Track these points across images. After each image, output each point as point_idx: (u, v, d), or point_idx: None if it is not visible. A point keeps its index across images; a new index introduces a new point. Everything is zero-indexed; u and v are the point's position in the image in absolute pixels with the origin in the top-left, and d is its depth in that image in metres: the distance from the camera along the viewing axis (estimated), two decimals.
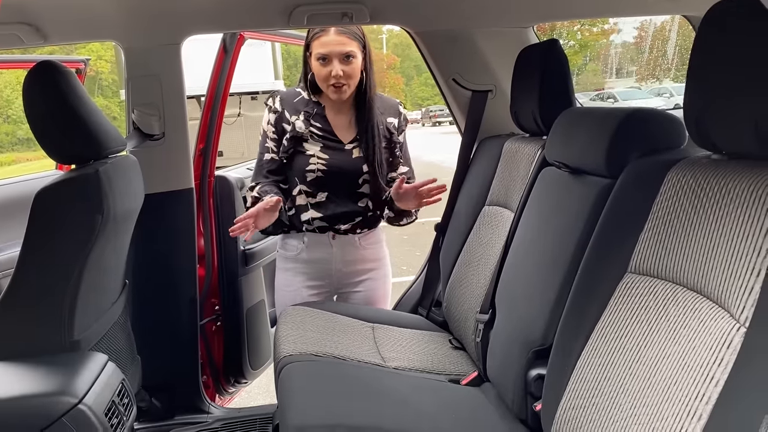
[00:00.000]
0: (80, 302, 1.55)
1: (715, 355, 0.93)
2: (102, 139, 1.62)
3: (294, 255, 2.08)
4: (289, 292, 2.08)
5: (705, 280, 1.02)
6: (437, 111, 31.31)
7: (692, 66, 1.08)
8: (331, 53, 1.94)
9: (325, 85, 1.98)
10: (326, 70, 1.95)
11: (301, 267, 2.08)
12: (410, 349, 1.87)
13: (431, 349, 1.88)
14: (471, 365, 1.80)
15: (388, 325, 1.99)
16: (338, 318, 1.96)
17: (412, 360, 1.80)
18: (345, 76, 1.95)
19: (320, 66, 1.96)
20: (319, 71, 1.97)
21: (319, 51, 1.95)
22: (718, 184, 1.04)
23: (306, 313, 1.94)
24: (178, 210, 2.11)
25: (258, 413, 2.19)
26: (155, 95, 2.02)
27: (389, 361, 1.78)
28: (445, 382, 1.71)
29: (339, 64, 1.94)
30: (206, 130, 2.28)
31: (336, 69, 1.94)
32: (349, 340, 1.84)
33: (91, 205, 1.52)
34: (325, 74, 1.96)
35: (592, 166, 1.39)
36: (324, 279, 2.11)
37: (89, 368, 1.39)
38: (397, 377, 1.66)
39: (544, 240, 1.49)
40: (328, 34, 1.95)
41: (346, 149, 2.03)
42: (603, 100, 20.46)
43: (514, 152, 1.89)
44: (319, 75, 1.97)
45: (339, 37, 1.95)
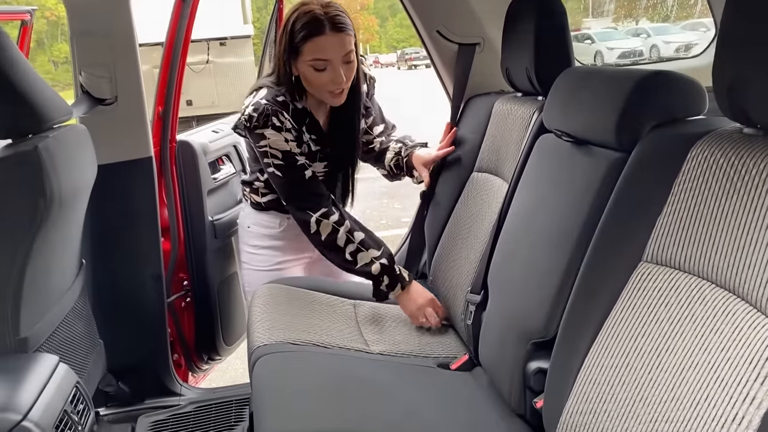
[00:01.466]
0: (26, 295, 1.39)
1: (756, 371, 0.80)
2: (42, 109, 1.41)
3: (276, 232, 1.91)
4: (267, 271, 1.92)
5: (739, 277, 0.88)
6: (413, 53, 30.73)
7: (725, 26, 0.92)
8: (334, 58, 1.63)
9: (321, 92, 1.69)
10: (325, 76, 1.64)
11: (285, 242, 1.92)
12: (395, 330, 1.74)
13: (417, 328, 1.75)
14: (460, 346, 1.68)
15: (370, 301, 1.85)
16: (317, 296, 1.81)
17: (397, 343, 1.67)
18: (346, 79, 1.66)
19: (316, 73, 1.63)
20: (315, 78, 1.65)
21: (316, 56, 1.61)
22: (754, 163, 0.89)
23: (281, 292, 1.78)
24: (137, 181, 1.93)
25: (234, 394, 2.07)
26: (104, 54, 1.80)
27: (373, 344, 1.64)
28: (434, 367, 1.58)
29: (341, 67, 1.64)
30: (165, 90, 2.06)
31: (339, 74, 1.63)
32: (330, 322, 1.70)
33: (31, 187, 1.33)
34: (324, 81, 1.64)
35: (599, 137, 1.24)
36: (307, 251, 1.96)
37: (36, 375, 1.24)
38: (382, 366, 1.53)
39: (544, 218, 1.34)
40: (324, 35, 1.60)
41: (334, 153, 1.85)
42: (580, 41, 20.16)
43: (506, 114, 1.72)
44: (314, 82, 1.66)
45: (338, 36, 1.62)
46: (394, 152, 1.98)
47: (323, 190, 1.75)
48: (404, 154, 1.97)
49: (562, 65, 1.47)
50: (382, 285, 1.70)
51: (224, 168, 2.39)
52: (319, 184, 1.75)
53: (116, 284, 1.97)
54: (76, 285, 1.72)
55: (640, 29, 21.53)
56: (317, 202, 1.72)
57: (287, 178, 1.72)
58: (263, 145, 1.70)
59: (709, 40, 2.51)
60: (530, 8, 1.56)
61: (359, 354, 1.59)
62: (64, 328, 1.60)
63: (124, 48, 1.82)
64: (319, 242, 1.72)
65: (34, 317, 1.43)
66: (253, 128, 1.69)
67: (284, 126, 1.70)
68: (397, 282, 1.71)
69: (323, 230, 1.70)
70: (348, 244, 1.70)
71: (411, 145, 1.98)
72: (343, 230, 1.70)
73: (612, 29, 25.38)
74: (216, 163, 2.34)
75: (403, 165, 1.98)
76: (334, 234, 1.70)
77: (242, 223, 1.98)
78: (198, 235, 2.19)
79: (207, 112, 8.55)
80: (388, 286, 1.70)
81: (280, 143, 1.69)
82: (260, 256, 1.94)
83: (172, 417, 1.97)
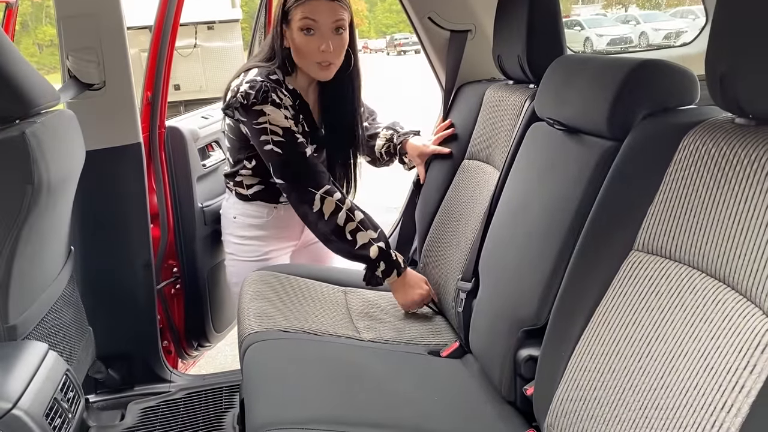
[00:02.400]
0: (14, 282, 1.37)
1: (746, 360, 0.81)
2: (28, 94, 1.39)
3: (263, 222, 1.89)
4: (254, 262, 1.91)
5: (729, 267, 0.89)
6: (402, 39, 30.56)
7: (717, 17, 0.92)
8: (322, 23, 1.64)
9: (307, 62, 1.69)
10: (313, 43, 1.64)
11: (272, 231, 1.90)
12: (386, 317, 1.74)
13: (407, 316, 1.75)
14: (450, 334, 1.69)
15: (361, 288, 1.85)
16: (307, 283, 1.81)
17: (387, 330, 1.67)
18: (334, 51, 1.66)
19: (305, 38, 1.64)
20: (304, 44, 1.65)
21: (305, 19, 1.63)
22: (746, 153, 0.90)
23: (271, 279, 1.78)
24: (126, 167, 1.90)
25: (224, 381, 2.07)
26: (92, 38, 1.77)
27: (363, 332, 1.65)
28: (424, 354, 1.59)
29: (330, 36, 1.65)
30: (153, 75, 2.04)
31: (327, 41, 1.64)
32: (321, 309, 1.70)
33: (19, 173, 1.31)
34: (311, 48, 1.65)
35: (591, 126, 1.24)
36: (294, 239, 1.95)
37: (25, 363, 1.23)
38: (373, 354, 1.53)
39: (536, 206, 1.35)
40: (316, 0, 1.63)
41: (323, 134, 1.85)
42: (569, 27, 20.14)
43: (497, 101, 1.72)
44: (302, 49, 1.66)
45: (330, 2, 1.64)
46: (386, 139, 1.98)
47: (323, 168, 1.73)
48: (397, 141, 1.96)
49: (555, 53, 1.47)
50: (378, 270, 1.68)
51: (214, 154, 2.37)
52: (318, 162, 1.73)
53: (105, 271, 1.95)
54: (65, 272, 1.70)
55: (629, 16, 21.54)
56: (319, 180, 1.68)
57: (287, 155, 1.68)
58: (262, 122, 1.67)
59: (698, 27, 2.51)
60: None
61: (350, 341, 1.59)
62: (53, 316, 1.59)
63: (112, 32, 1.79)
64: (321, 220, 1.67)
65: (23, 305, 1.42)
66: (251, 105, 1.67)
67: (283, 103, 1.69)
68: (393, 268, 1.69)
69: (327, 208, 1.66)
70: (348, 222, 1.66)
71: (403, 132, 1.97)
72: (345, 209, 1.67)
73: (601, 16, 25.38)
74: (205, 149, 2.33)
75: (395, 152, 1.98)
76: (336, 212, 1.66)
77: (226, 213, 1.95)
78: (187, 222, 2.17)
79: (195, 96, 8.48)
80: (384, 272, 1.68)
81: (280, 119, 1.67)
82: (247, 246, 1.92)
83: (162, 403, 1.97)
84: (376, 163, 2.05)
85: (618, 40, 17.62)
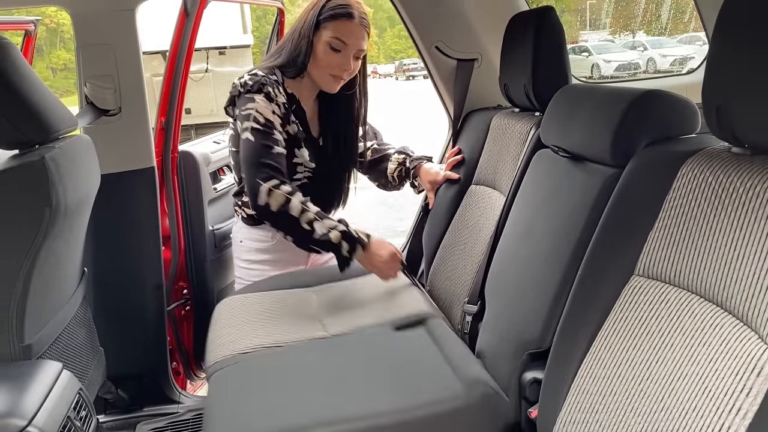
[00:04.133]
0: (30, 302, 1.41)
1: (743, 383, 0.83)
2: (49, 120, 1.44)
3: (268, 246, 1.92)
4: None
5: (726, 292, 0.91)
6: (411, 65, 30.82)
7: (714, 46, 0.95)
8: (350, 45, 1.73)
9: (322, 73, 1.77)
10: (338, 59, 1.74)
11: (277, 255, 1.92)
12: (355, 306, 1.69)
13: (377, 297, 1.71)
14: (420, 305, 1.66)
15: (334, 282, 1.81)
16: (276, 295, 1.77)
17: (356, 317, 1.62)
18: (351, 72, 1.78)
19: (331, 53, 1.73)
20: (328, 58, 1.74)
21: (337, 36, 1.72)
22: (741, 182, 0.93)
23: (241, 302, 1.75)
24: (139, 190, 1.95)
25: None
26: (109, 66, 1.83)
27: (330, 327, 1.60)
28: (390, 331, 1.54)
29: (353, 58, 1.75)
30: (167, 101, 2.09)
31: (349, 61, 1.74)
32: (287, 318, 1.65)
33: (38, 197, 1.36)
34: (335, 63, 1.74)
35: (595, 153, 1.27)
36: (300, 264, 1.98)
37: (40, 381, 1.25)
38: (336, 348, 1.49)
39: (541, 231, 1.37)
40: (352, 22, 1.72)
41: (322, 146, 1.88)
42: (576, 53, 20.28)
43: (503, 128, 1.75)
44: (326, 61, 1.74)
45: (362, 30, 1.75)
46: (398, 162, 2.02)
47: (284, 168, 1.71)
48: (410, 165, 2.00)
49: (560, 82, 1.51)
50: (343, 251, 1.66)
51: (225, 178, 2.41)
52: (283, 163, 1.71)
53: (117, 292, 1.99)
54: (78, 293, 1.74)
55: (636, 42, 21.64)
56: (272, 175, 1.66)
57: (257, 142, 1.68)
58: (250, 107, 1.70)
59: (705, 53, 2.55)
60: (528, 26, 1.60)
61: (314, 342, 1.54)
62: (67, 336, 1.62)
63: (128, 60, 1.85)
64: (270, 214, 1.65)
65: (38, 325, 1.45)
66: (246, 92, 1.72)
67: (277, 99, 1.74)
68: (356, 244, 1.67)
69: (274, 200, 1.63)
70: (303, 213, 1.64)
71: (416, 158, 2.01)
72: (296, 200, 1.65)
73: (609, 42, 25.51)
74: (217, 173, 2.37)
75: (407, 176, 2.01)
76: (286, 204, 1.64)
77: (235, 237, 1.98)
78: (198, 245, 2.21)
79: (205, 120, 8.58)
80: (349, 251, 1.66)
81: (266, 111, 1.71)
82: (253, 270, 1.94)
83: (170, 424, 1.99)
84: (387, 186, 2.08)
85: (626, 65, 17.70)
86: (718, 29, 0.94)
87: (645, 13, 25.24)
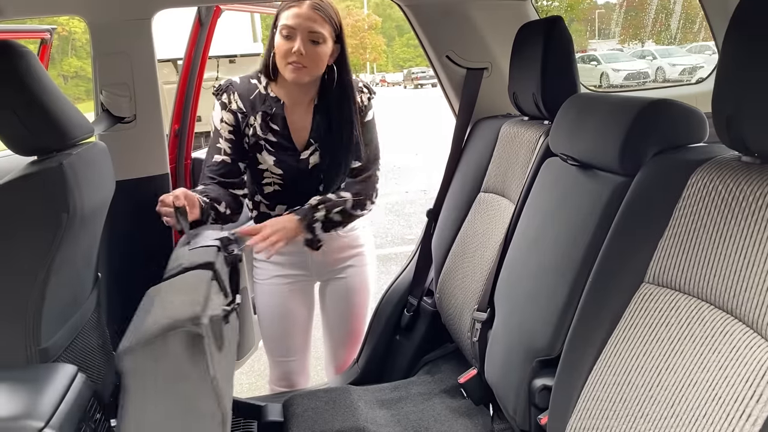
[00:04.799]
0: (47, 306, 1.43)
1: (753, 389, 0.84)
2: (66, 127, 1.47)
3: None
4: (266, 284, 1.96)
5: (736, 299, 0.92)
6: (419, 73, 30.96)
7: (724, 55, 0.97)
8: (298, 27, 1.72)
9: (283, 63, 1.75)
10: (288, 45, 1.73)
11: (276, 257, 1.89)
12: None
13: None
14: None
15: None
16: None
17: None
18: (307, 57, 1.72)
19: (283, 41, 1.73)
20: (281, 46, 1.74)
21: (285, 22, 1.73)
22: (751, 190, 0.94)
23: None
24: (153, 196, 1.97)
25: (240, 409, 2.09)
26: (125, 74, 1.86)
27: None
28: None
29: (304, 42, 1.72)
30: (181, 109, 2.13)
31: (298, 45, 1.71)
32: None
33: (56, 202, 1.38)
34: (286, 49, 1.73)
35: (604, 161, 1.28)
36: (303, 269, 1.98)
37: (56, 384, 1.27)
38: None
39: (550, 239, 1.39)
40: (300, 7, 1.72)
41: (302, 158, 1.83)
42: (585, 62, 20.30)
43: (512, 136, 1.77)
44: (280, 50, 1.75)
45: (311, 12, 1.72)
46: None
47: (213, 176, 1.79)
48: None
49: (569, 91, 1.52)
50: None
51: None
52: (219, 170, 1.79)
53: (129, 297, 1.99)
54: (92, 298, 1.76)
55: (646, 51, 21.65)
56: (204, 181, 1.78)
57: (209, 148, 1.83)
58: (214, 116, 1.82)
59: (714, 63, 2.55)
60: (537, 35, 1.61)
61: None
62: (81, 340, 1.64)
63: (144, 69, 1.88)
64: None
65: (54, 328, 1.47)
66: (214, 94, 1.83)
67: (230, 106, 1.80)
68: None
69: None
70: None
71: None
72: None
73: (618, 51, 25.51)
74: None
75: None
76: None
77: None
78: None
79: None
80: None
81: (216, 118, 1.81)
82: (260, 269, 1.96)
83: None
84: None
85: (635, 75, 17.70)
86: (728, 39, 0.95)
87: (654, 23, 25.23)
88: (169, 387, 1.04)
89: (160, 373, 1.04)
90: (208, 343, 1.04)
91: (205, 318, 1.07)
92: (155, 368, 1.04)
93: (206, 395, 1.04)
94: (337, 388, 1.91)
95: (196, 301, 1.11)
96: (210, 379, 1.03)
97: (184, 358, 1.03)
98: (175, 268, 1.33)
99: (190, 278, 1.25)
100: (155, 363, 1.03)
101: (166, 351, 1.03)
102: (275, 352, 2.05)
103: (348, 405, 1.73)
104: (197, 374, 1.03)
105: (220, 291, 1.26)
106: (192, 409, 1.06)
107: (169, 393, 1.05)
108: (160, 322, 1.05)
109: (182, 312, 1.07)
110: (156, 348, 1.03)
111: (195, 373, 1.03)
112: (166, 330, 1.03)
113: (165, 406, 1.05)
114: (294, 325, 2.00)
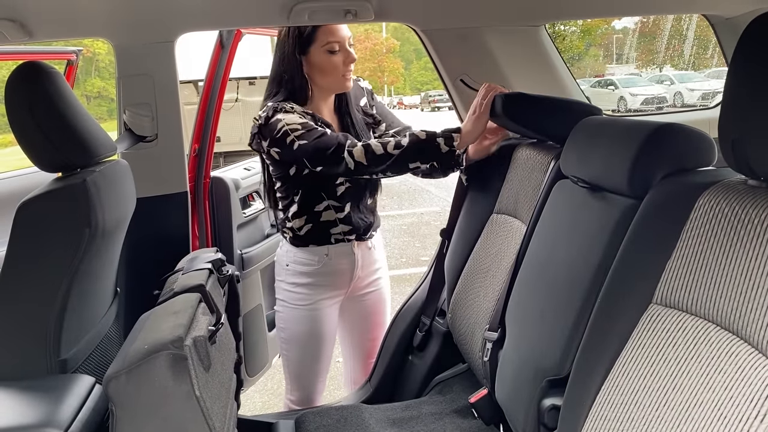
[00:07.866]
0: (68, 319, 1.47)
1: (756, 409, 0.85)
2: (91, 145, 1.53)
3: (314, 269, 1.96)
4: (304, 309, 1.97)
5: (741, 321, 0.93)
6: (436, 96, 31.11)
7: (731, 79, 0.99)
8: (343, 39, 1.84)
9: (333, 78, 1.86)
10: (339, 58, 1.84)
11: (322, 279, 1.96)
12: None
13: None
14: None
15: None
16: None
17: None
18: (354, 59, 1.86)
19: (331, 56, 1.83)
20: (329, 63, 1.83)
21: (329, 39, 1.82)
22: (756, 213, 0.95)
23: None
24: (172, 214, 2.02)
25: (253, 426, 2.11)
26: (148, 95, 1.92)
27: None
28: None
29: (349, 50, 1.85)
30: (202, 129, 2.18)
31: (350, 53, 1.83)
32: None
33: (79, 218, 1.43)
34: (337, 63, 1.84)
35: (613, 184, 1.30)
36: (343, 288, 2.02)
37: (75, 394, 1.31)
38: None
39: (560, 260, 1.40)
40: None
41: None
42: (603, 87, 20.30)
43: (525, 159, 1.79)
44: (331, 66, 1.84)
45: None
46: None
47: (341, 136, 1.80)
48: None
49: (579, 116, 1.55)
50: (441, 144, 1.75)
51: (254, 204, 2.48)
52: (338, 134, 1.82)
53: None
54: (111, 312, 1.80)
55: (663, 76, 21.63)
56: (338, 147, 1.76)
57: (310, 139, 1.77)
58: (280, 127, 1.78)
59: None
60: None
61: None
62: (100, 352, 1.68)
63: (166, 89, 1.94)
64: (366, 168, 1.75)
65: (74, 340, 1.51)
66: (266, 123, 1.81)
67: (294, 110, 1.84)
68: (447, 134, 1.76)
69: (359, 155, 1.75)
70: (386, 145, 1.75)
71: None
72: (373, 142, 1.78)
73: (636, 75, 25.49)
74: (246, 199, 2.45)
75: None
76: (368, 149, 1.75)
77: (280, 260, 2.02)
78: None
79: (234, 148, 8.77)
80: (446, 141, 1.75)
81: (295, 120, 1.80)
82: (298, 294, 1.97)
83: None
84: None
85: (652, 99, 17.68)
86: (735, 63, 0.98)
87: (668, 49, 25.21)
88: (155, 410, 1.07)
89: (145, 397, 1.06)
90: (193, 365, 1.07)
91: (189, 339, 1.09)
92: (139, 393, 1.06)
93: (194, 416, 1.07)
94: (349, 406, 1.92)
95: (180, 324, 1.14)
96: (197, 399, 1.06)
97: (168, 380, 1.05)
98: (167, 293, 1.37)
99: (178, 302, 1.28)
100: (139, 388, 1.06)
101: (149, 375, 1.05)
102: (302, 377, 2.05)
103: (359, 423, 1.75)
104: (183, 395, 1.06)
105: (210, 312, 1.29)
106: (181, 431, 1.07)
107: (156, 416, 1.07)
108: (143, 348, 1.08)
109: (166, 335, 1.09)
110: (140, 373, 1.05)
111: (180, 394, 1.06)
112: (149, 354, 1.06)
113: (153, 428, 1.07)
114: (324, 348, 2.03)
